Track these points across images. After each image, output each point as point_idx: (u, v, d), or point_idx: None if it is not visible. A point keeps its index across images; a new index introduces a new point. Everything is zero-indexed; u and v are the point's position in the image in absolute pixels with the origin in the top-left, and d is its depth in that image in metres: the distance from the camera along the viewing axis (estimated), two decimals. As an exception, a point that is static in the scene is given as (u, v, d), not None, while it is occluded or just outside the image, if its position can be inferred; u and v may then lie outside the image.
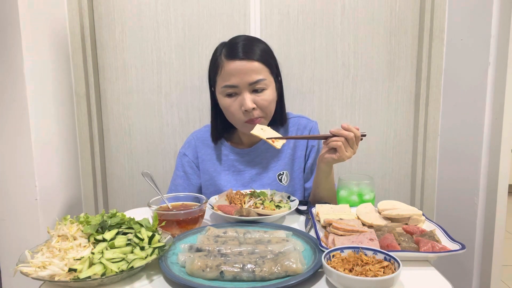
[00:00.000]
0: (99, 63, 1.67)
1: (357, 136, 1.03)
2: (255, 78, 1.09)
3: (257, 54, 1.11)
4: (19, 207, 1.37)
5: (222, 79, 1.12)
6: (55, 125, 1.50)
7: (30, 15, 1.33)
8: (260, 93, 1.12)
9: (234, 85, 1.10)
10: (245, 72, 1.09)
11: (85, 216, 0.81)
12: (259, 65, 1.10)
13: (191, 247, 0.78)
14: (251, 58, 1.09)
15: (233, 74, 1.09)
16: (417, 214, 0.89)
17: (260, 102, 1.12)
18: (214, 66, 1.15)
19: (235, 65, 1.09)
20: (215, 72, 1.15)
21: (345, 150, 1.03)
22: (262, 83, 1.11)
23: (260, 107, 1.12)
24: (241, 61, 1.09)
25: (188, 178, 1.27)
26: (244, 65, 1.09)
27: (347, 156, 1.03)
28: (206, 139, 1.29)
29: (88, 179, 1.68)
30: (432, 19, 1.58)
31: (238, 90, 1.11)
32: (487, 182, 1.39)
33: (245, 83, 1.09)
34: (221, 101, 1.16)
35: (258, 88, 1.11)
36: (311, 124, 1.29)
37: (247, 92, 1.10)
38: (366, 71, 1.67)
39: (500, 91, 1.32)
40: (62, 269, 0.67)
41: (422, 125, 1.66)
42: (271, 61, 1.15)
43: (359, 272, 0.64)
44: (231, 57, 1.10)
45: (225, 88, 1.11)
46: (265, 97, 1.12)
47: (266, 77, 1.12)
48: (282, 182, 1.24)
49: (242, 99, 1.10)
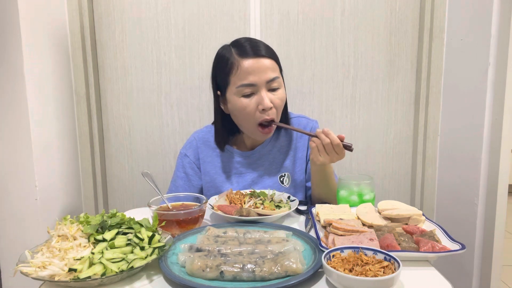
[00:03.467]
0: (99, 63, 1.67)
1: (334, 144, 1.01)
2: (272, 76, 1.08)
3: (268, 51, 1.10)
4: (19, 207, 1.37)
5: (238, 78, 1.08)
6: (55, 125, 1.49)
7: (30, 15, 1.33)
8: (275, 92, 1.11)
9: (252, 83, 1.07)
10: (262, 70, 1.07)
11: (85, 216, 0.81)
12: (272, 62, 1.10)
13: (191, 247, 0.78)
14: (265, 55, 1.08)
15: (250, 72, 1.07)
16: (417, 214, 0.89)
17: (276, 101, 1.10)
18: (226, 67, 1.11)
19: (252, 63, 1.07)
20: (227, 73, 1.10)
21: (318, 154, 1.02)
22: (278, 81, 1.10)
23: (275, 106, 1.11)
24: (258, 59, 1.07)
25: (189, 180, 1.26)
26: (261, 62, 1.07)
27: (320, 160, 1.03)
28: (207, 140, 1.27)
29: (88, 179, 1.68)
30: (432, 19, 1.58)
31: (255, 89, 1.08)
32: (487, 182, 1.39)
33: (263, 81, 1.07)
34: (235, 103, 1.11)
35: (274, 86, 1.10)
36: (311, 124, 1.28)
37: (265, 90, 1.08)
38: (366, 71, 1.67)
39: (500, 91, 1.32)
40: (62, 269, 0.67)
41: (422, 125, 1.66)
42: (278, 58, 1.15)
43: (359, 272, 0.64)
44: (245, 55, 1.07)
45: (242, 88, 1.08)
46: (280, 96, 1.11)
47: (279, 75, 1.12)
48: (284, 184, 1.24)
49: (260, 98, 1.08)
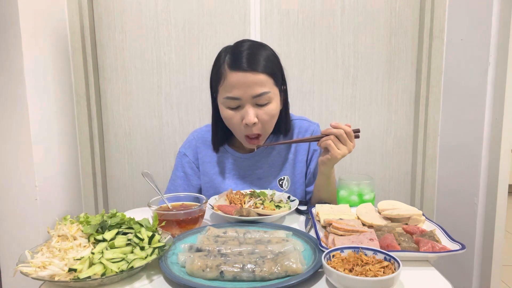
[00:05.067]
0: (99, 63, 1.67)
1: (347, 132, 1.02)
2: (259, 91, 1.04)
3: (261, 65, 1.05)
4: (19, 207, 1.37)
5: (225, 90, 1.06)
6: (55, 125, 1.49)
7: (30, 15, 1.33)
8: (263, 107, 1.07)
9: (237, 97, 1.05)
10: (248, 85, 1.03)
11: (85, 216, 0.81)
12: (264, 77, 1.05)
13: (191, 247, 0.77)
14: (255, 70, 1.03)
15: (235, 86, 1.04)
16: (417, 214, 0.89)
17: (262, 116, 1.07)
18: (216, 75, 1.09)
19: (238, 77, 1.03)
20: (217, 82, 1.09)
21: (336, 148, 1.02)
22: (266, 96, 1.05)
23: (261, 122, 1.08)
24: (245, 73, 1.03)
25: (188, 179, 1.25)
26: (248, 77, 1.03)
27: (340, 154, 1.03)
28: (206, 140, 1.26)
29: (88, 179, 1.68)
30: (432, 19, 1.58)
31: (240, 103, 1.06)
32: (487, 182, 1.39)
33: (248, 96, 1.04)
34: (222, 112, 1.11)
35: (261, 102, 1.06)
36: (313, 127, 1.25)
37: (250, 105, 1.05)
38: (366, 71, 1.67)
39: (500, 91, 1.32)
40: (62, 269, 0.67)
41: (422, 125, 1.66)
42: (276, 71, 1.09)
43: (359, 272, 0.64)
44: (234, 68, 1.04)
45: (227, 100, 1.06)
46: (268, 111, 1.07)
47: (270, 89, 1.06)
48: (283, 187, 1.23)
49: (245, 112, 1.06)
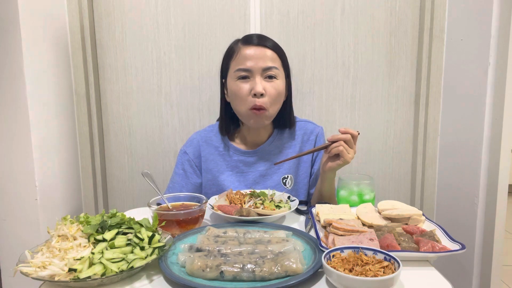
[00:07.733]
0: (99, 63, 1.67)
1: (354, 136, 1.07)
2: (269, 64, 1.13)
3: (271, 43, 1.16)
4: (19, 207, 1.37)
5: (237, 63, 1.14)
6: (55, 125, 1.49)
7: (30, 15, 1.33)
8: (271, 82, 1.14)
9: (248, 68, 1.12)
10: (260, 57, 1.12)
11: (85, 216, 0.81)
12: (273, 53, 1.15)
13: (191, 247, 0.77)
14: (266, 46, 1.14)
15: (247, 58, 1.12)
16: (417, 214, 0.89)
17: (270, 89, 1.13)
18: (229, 54, 1.19)
19: (251, 50, 1.13)
20: (229, 58, 1.18)
21: (347, 153, 1.06)
22: (275, 70, 1.14)
23: (268, 95, 1.13)
24: (257, 47, 1.13)
25: (187, 177, 1.27)
26: (260, 51, 1.13)
27: (350, 158, 1.07)
28: (210, 139, 1.28)
29: (88, 179, 1.68)
30: (432, 19, 1.58)
31: (250, 74, 1.13)
32: (487, 182, 1.39)
33: (259, 67, 1.12)
34: (231, 86, 1.16)
35: (270, 74, 1.13)
36: (318, 130, 1.29)
37: (260, 76, 1.13)
38: (366, 71, 1.67)
39: (500, 91, 1.32)
40: (62, 269, 0.67)
41: (422, 125, 1.66)
42: (284, 56, 1.19)
43: (359, 272, 0.64)
44: (247, 43, 1.15)
45: (238, 72, 1.13)
46: (275, 86, 1.14)
47: (278, 67, 1.15)
48: (286, 185, 1.24)
49: (254, 82, 1.12)
